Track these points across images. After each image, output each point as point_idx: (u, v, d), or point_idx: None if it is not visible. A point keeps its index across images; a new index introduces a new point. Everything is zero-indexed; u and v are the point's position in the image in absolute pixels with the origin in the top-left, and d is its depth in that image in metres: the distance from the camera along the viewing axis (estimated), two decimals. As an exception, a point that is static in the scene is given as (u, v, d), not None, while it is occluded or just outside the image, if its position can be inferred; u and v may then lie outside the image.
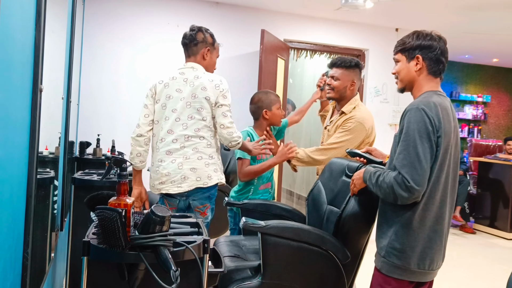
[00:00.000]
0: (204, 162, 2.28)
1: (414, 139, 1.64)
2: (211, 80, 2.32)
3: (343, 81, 2.63)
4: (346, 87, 2.64)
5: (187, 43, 2.39)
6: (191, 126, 2.28)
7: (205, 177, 2.28)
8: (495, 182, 5.78)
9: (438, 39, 1.77)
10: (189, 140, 2.27)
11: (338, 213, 2.09)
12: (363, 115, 2.60)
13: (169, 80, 2.33)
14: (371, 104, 5.29)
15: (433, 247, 1.72)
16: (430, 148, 1.64)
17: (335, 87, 2.65)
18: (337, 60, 2.67)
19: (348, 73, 2.63)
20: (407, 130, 1.66)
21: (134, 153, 2.35)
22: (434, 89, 1.77)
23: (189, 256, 1.37)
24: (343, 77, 2.63)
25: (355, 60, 2.67)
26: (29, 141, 1.21)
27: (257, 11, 4.77)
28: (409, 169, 1.63)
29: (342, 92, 2.65)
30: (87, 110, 4.09)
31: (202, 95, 2.28)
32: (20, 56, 1.09)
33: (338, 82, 2.64)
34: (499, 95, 8.32)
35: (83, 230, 1.50)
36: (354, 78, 2.65)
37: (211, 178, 2.30)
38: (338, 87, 2.64)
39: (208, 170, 2.29)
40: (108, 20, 4.30)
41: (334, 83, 2.64)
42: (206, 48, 2.38)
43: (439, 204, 1.71)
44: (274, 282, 1.94)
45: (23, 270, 1.18)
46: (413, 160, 1.63)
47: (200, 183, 2.28)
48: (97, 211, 1.29)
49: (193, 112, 2.28)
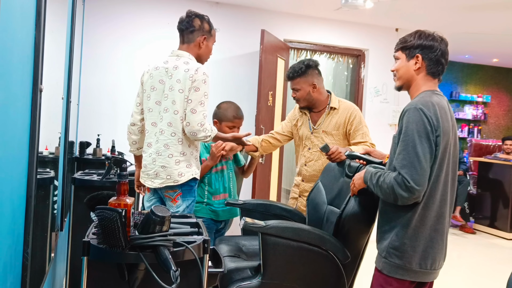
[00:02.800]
0: (174, 160, 2.22)
1: (413, 139, 1.64)
2: (187, 70, 2.21)
3: (304, 89, 2.68)
4: (309, 92, 2.68)
5: (183, 29, 2.33)
6: (165, 119, 2.23)
7: (175, 175, 2.22)
8: (495, 182, 5.78)
9: (440, 40, 1.77)
10: (162, 134, 2.23)
11: (338, 213, 2.09)
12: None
13: (153, 70, 2.31)
14: (371, 104, 5.29)
15: (435, 247, 1.72)
16: (429, 148, 1.64)
17: (299, 97, 2.71)
18: (289, 73, 2.72)
19: (304, 79, 2.67)
20: (406, 130, 1.66)
21: (130, 141, 2.41)
22: (432, 88, 1.77)
23: (189, 256, 1.37)
24: (301, 85, 2.68)
25: (305, 63, 2.68)
26: (29, 141, 1.21)
27: (257, 11, 4.77)
28: (409, 169, 1.63)
29: (308, 98, 2.70)
30: (87, 110, 4.09)
31: (177, 87, 2.21)
32: (20, 56, 1.09)
33: (300, 92, 2.70)
34: (499, 95, 8.32)
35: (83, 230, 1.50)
36: (312, 80, 2.68)
37: (183, 175, 2.23)
38: (302, 96, 2.70)
39: (179, 168, 2.22)
40: (108, 20, 4.30)
41: (297, 94, 2.71)
42: (202, 36, 2.31)
43: (440, 203, 1.71)
44: (274, 282, 1.93)
45: (23, 270, 1.18)
46: (413, 160, 1.63)
47: (170, 181, 2.23)
48: (97, 211, 1.29)
49: (168, 105, 2.22)
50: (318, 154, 2.70)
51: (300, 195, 2.78)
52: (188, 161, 2.25)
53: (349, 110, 2.69)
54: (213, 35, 2.39)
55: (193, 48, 2.33)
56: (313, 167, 2.73)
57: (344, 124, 2.67)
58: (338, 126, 2.68)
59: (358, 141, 2.64)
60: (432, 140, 1.64)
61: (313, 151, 2.73)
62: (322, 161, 2.68)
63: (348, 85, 5.88)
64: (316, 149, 2.69)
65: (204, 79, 2.20)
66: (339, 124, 2.68)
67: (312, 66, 2.69)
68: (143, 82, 2.35)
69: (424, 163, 1.63)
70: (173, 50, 2.35)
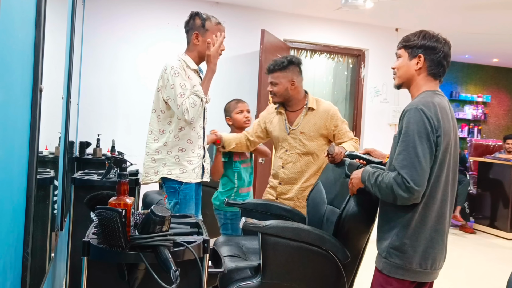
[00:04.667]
0: (150, 158, 2.28)
1: (413, 140, 1.64)
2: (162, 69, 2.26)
3: (282, 84, 2.62)
4: (287, 89, 2.62)
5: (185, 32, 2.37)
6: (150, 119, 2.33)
7: (151, 173, 2.28)
8: (495, 182, 5.78)
9: (443, 43, 1.77)
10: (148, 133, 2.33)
11: (338, 213, 2.09)
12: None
13: None
14: (371, 104, 5.29)
15: (435, 247, 1.72)
16: (430, 148, 1.64)
17: (276, 92, 2.64)
18: (269, 66, 2.66)
19: (284, 74, 2.61)
20: (406, 130, 1.66)
21: None
22: (433, 89, 1.77)
23: (189, 256, 1.37)
24: (280, 80, 2.62)
25: (288, 59, 2.64)
26: (29, 141, 1.21)
27: (257, 11, 4.77)
28: (409, 169, 1.63)
29: (285, 94, 2.64)
30: (87, 110, 4.09)
31: (156, 87, 2.29)
32: (20, 56, 1.09)
33: (277, 87, 2.63)
34: (499, 95, 8.32)
35: (83, 230, 1.50)
36: (292, 77, 2.62)
37: (157, 174, 2.27)
38: (279, 91, 2.63)
39: (154, 166, 2.27)
40: (108, 20, 4.30)
41: (274, 88, 2.64)
42: (194, 33, 2.30)
43: (440, 203, 1.71)
44: (274, 282, 1.94)
45: (23, 270, 1.18)
46: (413, 160, 1.63)
47: (147, 179, 2.29)
48: (97, 211, 1.29)
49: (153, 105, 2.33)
50: (297, 156, 2.63)
51: (277, 197, 2.71)
52: (164, 160, 2.26)
53: (329, 111, 2.62)
54: (210, 29, 2.31)
55: (192, 48, 2.33)
56: (291, 169, 2.65)
57: (324, 126, 2.61)
58: (317, 127, 2.61)
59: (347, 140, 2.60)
60: (432, 140, 1.64)
61: (290, 153, 2.65)
62: (300, 164, 2.63)
63: (348, 85, 5.89)
64: (293, 151, 2.64)
65: (174, 73, 2.20)
66: (319, 125, 2.61)
67: (294, 63, 2.64)
68: None
69: (424, 163, 1.63)
70: None
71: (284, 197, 2.68)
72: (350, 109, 5.69)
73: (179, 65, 2.24)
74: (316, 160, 2.65)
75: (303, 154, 2.63)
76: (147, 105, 4.16)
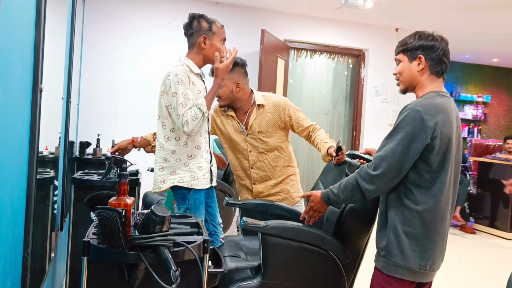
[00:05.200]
0: (158, 166, 2.21)
1: (397, 137, 1.65)
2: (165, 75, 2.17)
3: (227, 87, 2.55)
4: (232, 91, 2.57)
5: (185, 34, 2.28)
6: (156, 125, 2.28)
7: (158, 182, 2.20)
8: (495, 182, 5.78)
9: (440, 40, 1.77)
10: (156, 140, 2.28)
11: (338, 213, 2.09)
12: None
13: None
14: (371, 104, 5.29)
15: (436, 248, 1.71)
16: (413, 150, 1.63)
17: (221, 95, 2.57)
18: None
19: (229, 77, 2.49)
20: (396, 126, 1.67)
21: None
22: (437, 89, 1.76)
23: (189, 256, 1.37)
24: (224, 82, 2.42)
25: None
26: (29, 141, 1.21)
27: (257, 11, 4.77)
28: (382, 161, 1.65)
29: (231, 96, 2.59)
30: (87, 110, 4.09)
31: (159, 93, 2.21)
32: (20, 56, 1.09)
33: (222, 89, 2.53)
34: (499, 95, 8.33)
35: (83, 230, 1.50)
36: (237, 79, 2.57)
37: (165, 182, 2.18)
38: (224, 93, 2.57)
39: (162, 174, 2.19)
40: (108, 20, 4.30)
41: (220, 91, 2.52)
42: (202, 36, 2.23)
43: (443, 206, 1.70)
44: (274, 282, 1.93)
45: (23, 270, 1.18)
46: (387, 154, 1.64)
47: (155, 188, 2.23)
48: (97, 211, 1.29)
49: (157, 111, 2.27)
50: (262, 154, 2.63)
51: (255, 197, 2.71)
52: (172, 168, 2.17)
53: (279, 104, 2.61)
54: (216, 32, 2.28)
55: (196, 51, 2.25)
56: (261, 168, 2.65)
57: (279, 118, 2.60)
58: (273, 123, 2.60)
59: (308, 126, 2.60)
60: (419, 143, 1.63)
61: (255, 152, 2.64)
62: (268, 160, 2.63)
63: (348, 85, 5.89)
64: (257, 151, 2.62)
65: (177, 81, 2.12)
66: (274, 121, 2.60)
67: (238, 64, 2.58)
68: None
69: (398, 161, 1.63)
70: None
71: (262, 196, 2.69)
72: (350, 109, 5.70)
73: (183, 71, 2.15)
74: (282, 153, 2.67)
75: (267, 151, 2.64)
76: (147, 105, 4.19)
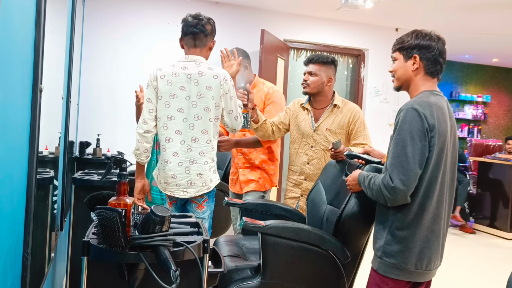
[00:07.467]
0: (208, 166, 2.24)
1: (404, 139, 1.64)
2: (216, 77, 2.23)
3: (320, 77, 2.67)
4: (324, 83, 2.68)
5: (196, 32, 2.27)
6: (198, 127, 2.21)
7: (208, 182, 2.25)
8: (495, 182, 5.78)
9: (437, 40, 1.76)
10: (196, 142, 2.21)
11: (338, 213, 2.09)
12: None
13: (171, 77, 2.22)
14: (371, 104, 5.30)
15: (431, 247, 1.71)
16: (421, 149, 1.63)
17: (311, 83, 2.68)
18: (314, 56, 2.71)
19: (326, 69, 2.67)
20: (399, 130, 1.67)
21: (141, 150, 2.26)
22: (430, 88, 1.76)
23: (189, 256, 1.37)
24: (320, 72, 2.67)
25: (332, 59, 2.70)
26: (29, 141, 1.21)
27: (257, 11, 4.78)
28: (396, 169, 1.64)
29: (319, 88, 2.68)
30: (87, 110, 4.09)
31: (208, 95, 2.21)
32: (20, 56, 1.09)
33: (315, 78, 2.67)
34: (499, 95, 8.33)
35: (83, 230, 1.50)
36: (331, 75, 2.70)
37: (213, 181, 2.27)
38: (315, 82, 2.67)
39: (210, 174, 2.25)
40: (108, 20, 4.31)
41: (312, 79, 2.67)
42: (213, 41, 2.35)
43: (436, 204, 1.70)
44: (274, 282, 1.93)
45: (23, 270, 1.18)
46: (402, 160, 1.63)
47: (205, 189, 2.24)
48: (97, 211, 1.29)
49: (199, 112, 2.21)
50: (322, 153, 2.69)
51: (302, 194, 2.75)
52: (215, 166, 2.30)
53: (354, 110, 2.70)
54: None
55: (205, 53, 2.32)
56: (317, 165, 2.70)
57: (348, 123, 2.67)
58: (342, 125, 2.68)
59: (360, 142, 2.64)
60: (425, 141, 1.64)
61: (316, 149, 2.70)
62: (325, 159, 2.67)
63: (348, 85, 5.89)
64: (319, 147, 2.68)
65: (232, 84, 2.31)
66: (343, 123, 2.68)
67: (335, 64, 2.73)
68: (157, 89, 2.23)
69: (413, 164, 1.62)
70: (188, 56, 2.28)
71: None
72: (350, 109, 5.69)
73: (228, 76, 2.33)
74: None
75: (328, 151, 2.65)
76: (147, 105, 4.18)
